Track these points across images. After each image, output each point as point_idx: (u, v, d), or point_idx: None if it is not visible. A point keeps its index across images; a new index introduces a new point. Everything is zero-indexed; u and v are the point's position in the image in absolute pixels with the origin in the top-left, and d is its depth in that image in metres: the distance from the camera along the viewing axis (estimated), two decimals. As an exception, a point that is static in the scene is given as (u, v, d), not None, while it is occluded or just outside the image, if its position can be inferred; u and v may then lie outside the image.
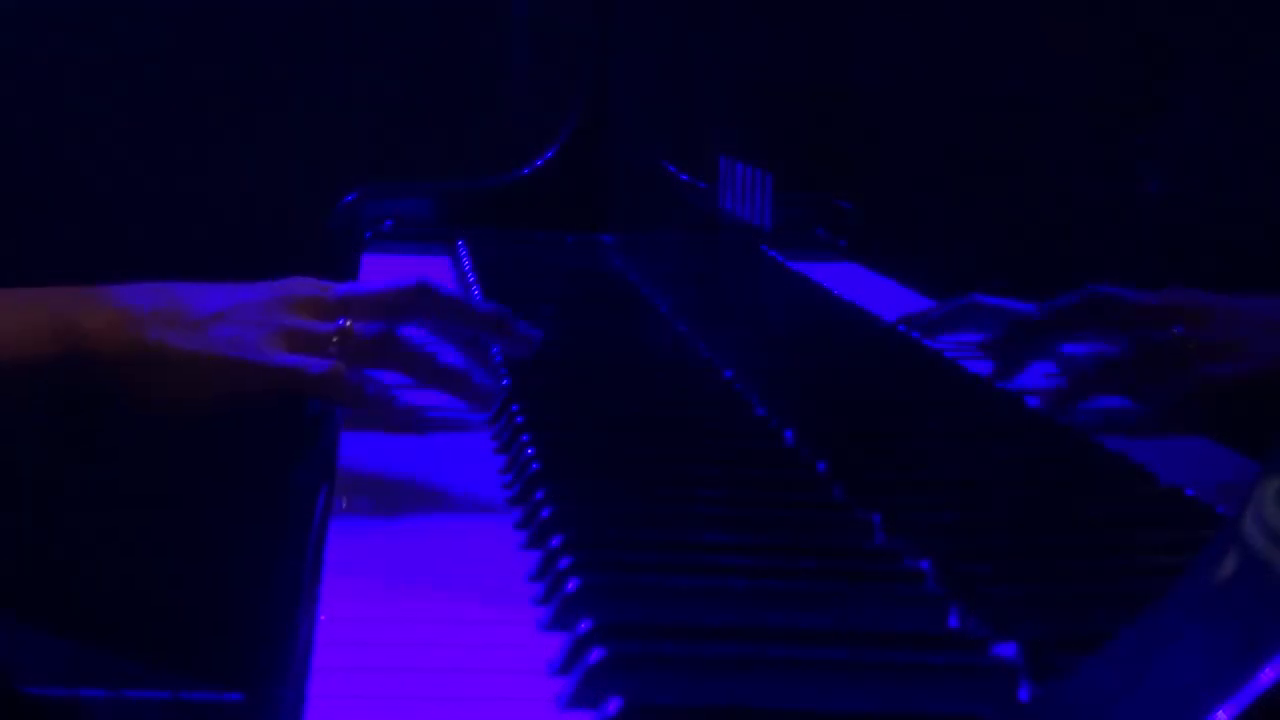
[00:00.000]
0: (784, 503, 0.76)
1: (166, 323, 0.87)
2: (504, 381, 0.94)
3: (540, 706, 0.50)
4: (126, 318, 0.87)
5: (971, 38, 1.16)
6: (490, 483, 0.79)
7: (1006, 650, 0.54)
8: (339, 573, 0.65)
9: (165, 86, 1.95)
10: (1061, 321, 0.97)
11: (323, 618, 0.58)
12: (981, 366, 1.03)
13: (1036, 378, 1.00)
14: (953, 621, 0.58)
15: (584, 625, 0.53)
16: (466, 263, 1.50)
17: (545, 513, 0.67)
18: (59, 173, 1.97)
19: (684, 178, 1.48)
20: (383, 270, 1.47)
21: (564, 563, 0.60)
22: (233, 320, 0.88)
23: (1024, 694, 0.51)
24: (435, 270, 1.45)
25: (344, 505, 0.75)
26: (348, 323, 0.89)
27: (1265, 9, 0.84)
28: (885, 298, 1.21)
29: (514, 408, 0.88)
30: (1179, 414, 0.86)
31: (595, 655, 0.50)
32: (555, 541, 0.63)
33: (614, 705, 0.47)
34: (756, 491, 0.78)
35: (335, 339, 0.88)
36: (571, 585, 0.58)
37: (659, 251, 1.58)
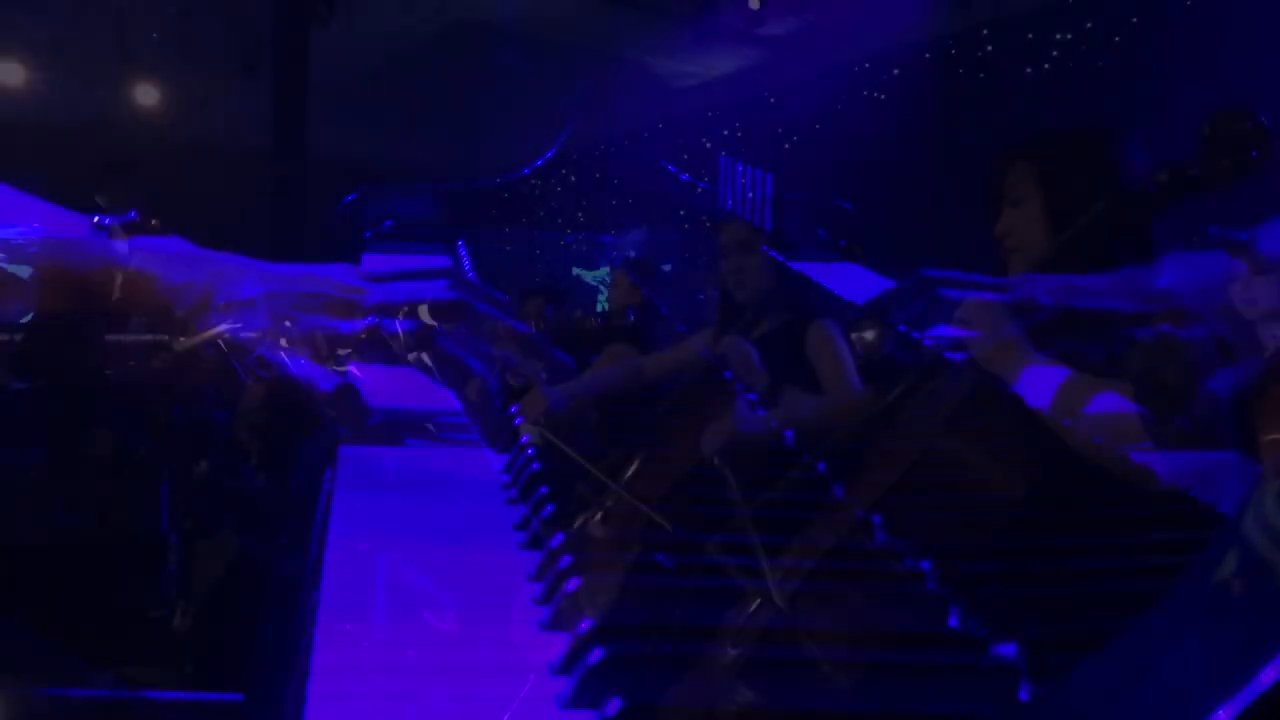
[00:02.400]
0: (785, 503, 0.76)
1: (196, 300, 0.87)
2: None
3: (540, 706, 0.50)
4: (159, 287, 0.87)
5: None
6: (491, 484, 0.79)
7: (1006, 650, 0.54)
8: (339, 572, 0.65)
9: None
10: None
11: (322, 618, 0.58)
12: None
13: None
14: (953, 621, 0.58)
15: (584, 625, 0.53)
16: (466, 262, 1.49)
17: (545, 512, 0.67)
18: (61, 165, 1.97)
19: (684, 178, 1.48)
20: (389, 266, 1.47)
21: (564, 563, 0.60)
22: (262, 311, 0.88)
23: (1024, 694, 0.51)
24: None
25: (343, 505, 0.75)
26: (376, 322, 0.89)
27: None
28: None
29: (514, 409, 0.87)
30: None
31: (595, 655, 0.50)
32: (555, 541, 0.63)
33: (614, 705, 0.47)
34: (758, 491, 0.78)
35: (363, 337, 0.88)
36: (571, 585, 0.58)
37: (659, 251, 1.58)
